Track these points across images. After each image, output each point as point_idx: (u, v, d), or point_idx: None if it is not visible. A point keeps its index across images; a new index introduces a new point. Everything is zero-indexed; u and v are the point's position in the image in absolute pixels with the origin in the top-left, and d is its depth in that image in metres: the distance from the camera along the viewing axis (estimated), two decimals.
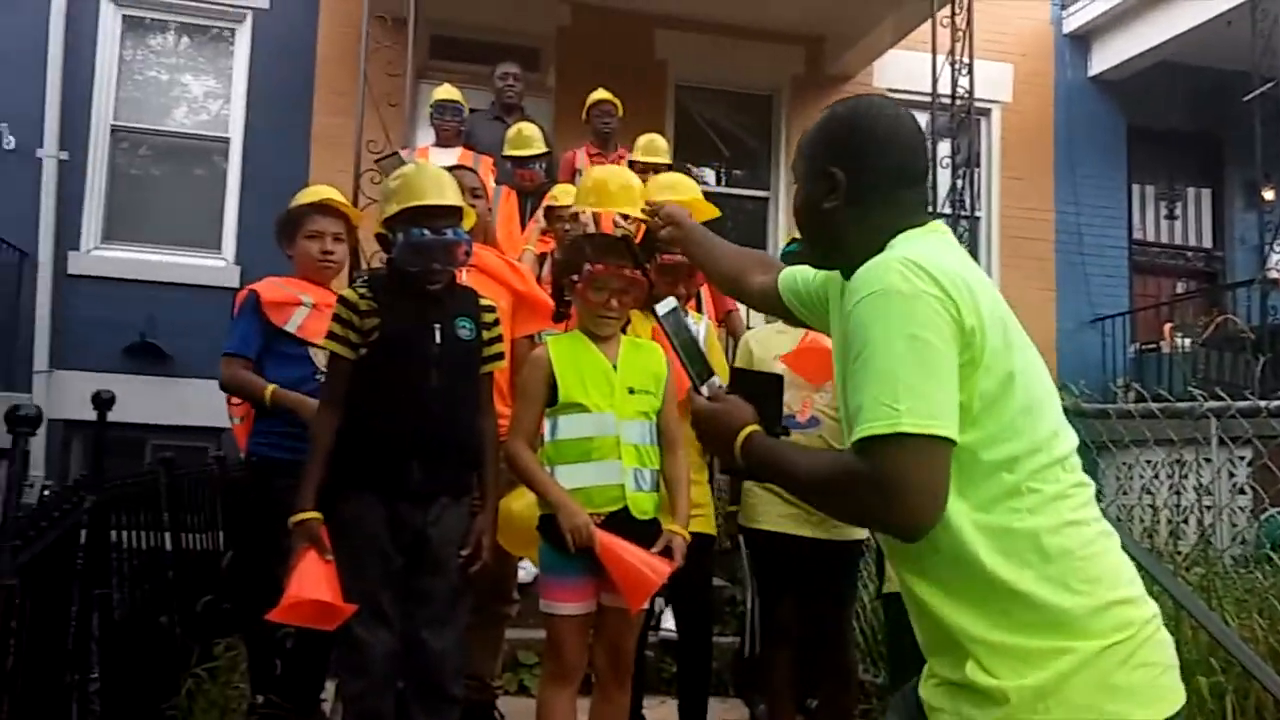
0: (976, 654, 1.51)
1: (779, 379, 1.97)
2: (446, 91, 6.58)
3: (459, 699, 2.92)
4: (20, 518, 2.27)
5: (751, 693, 4.31)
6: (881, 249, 1.66)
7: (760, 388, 1.91)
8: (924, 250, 1.59)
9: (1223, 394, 4.03)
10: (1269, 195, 8.27)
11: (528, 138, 6.06)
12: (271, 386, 3.37)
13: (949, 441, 1.45)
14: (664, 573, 2.79)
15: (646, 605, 2.97)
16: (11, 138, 7.90)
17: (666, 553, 2.87)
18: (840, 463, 1.54)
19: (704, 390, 1.89)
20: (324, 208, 3.66)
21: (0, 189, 7.72)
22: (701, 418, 1.85)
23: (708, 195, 3.56)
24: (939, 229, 1.73)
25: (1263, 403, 3.79)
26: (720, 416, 1.81)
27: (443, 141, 6.51)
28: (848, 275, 1.74)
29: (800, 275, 2.14)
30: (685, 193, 3.75)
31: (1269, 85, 7.71)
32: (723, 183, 9.70)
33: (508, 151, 6.07)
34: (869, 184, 1.73)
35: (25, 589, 2.23)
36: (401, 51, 6.43)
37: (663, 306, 2.01)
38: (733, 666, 4.51)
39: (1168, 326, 9.12)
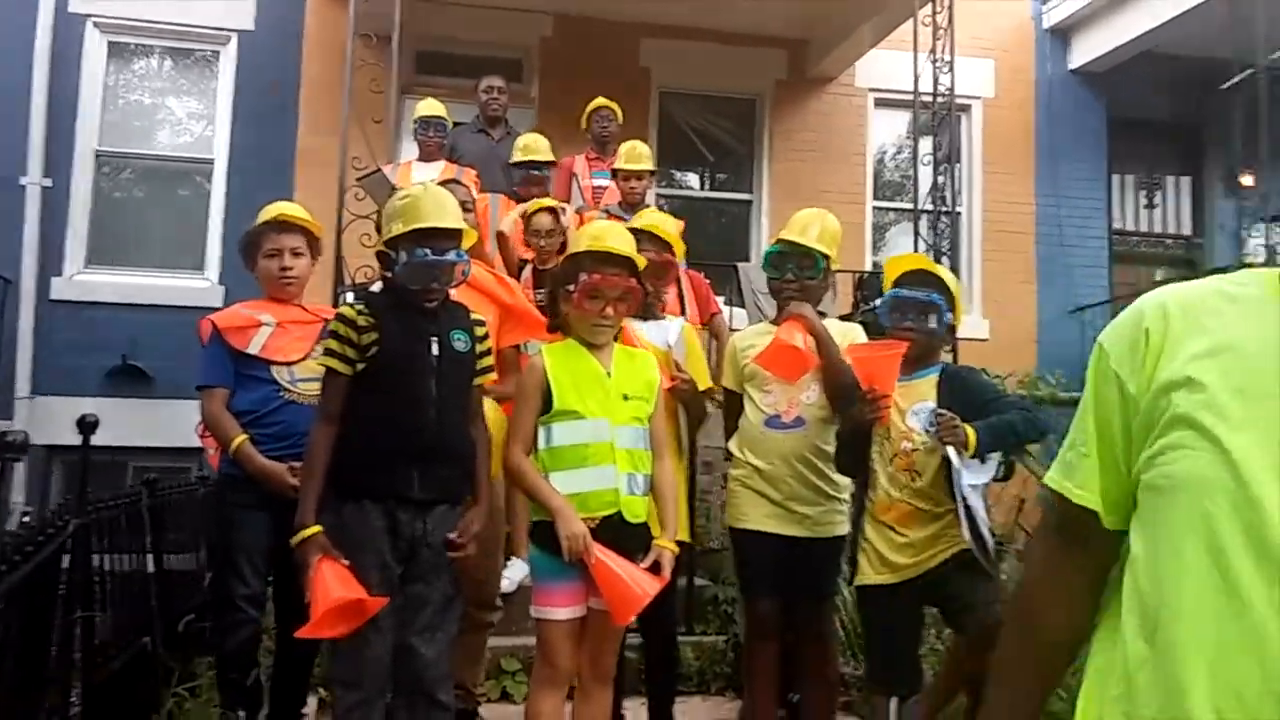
0: None
1: None
2: (429, 107, 6.62)
3: (450, 707, 2.95)
4: (4, 543, 2.29)
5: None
6: None
7: None
8: None
9: None
10: (1247, 181, 8.30)
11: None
12: (239, 440, 3.39)
13: None
14: (652, 591, 2.83)
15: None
16: None
17: (655, 567, 2.92)
18: None
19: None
20: (281, 224, 3.67)
21: None
22: None
23: (692, 200, 3.61)
24: None
25: None
26: None
27: (426, 156, 6.55)
28: None
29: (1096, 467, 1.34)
30: (666, 228, 3.83)
31: (1248, 73, 7.74)
32: (707, 187, 9.77)
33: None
34: None
35: (8, 613, 2.26)
36: (385, 68, 6.48)
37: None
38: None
39: None
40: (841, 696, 3.88)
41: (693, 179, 9.80)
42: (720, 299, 6.26)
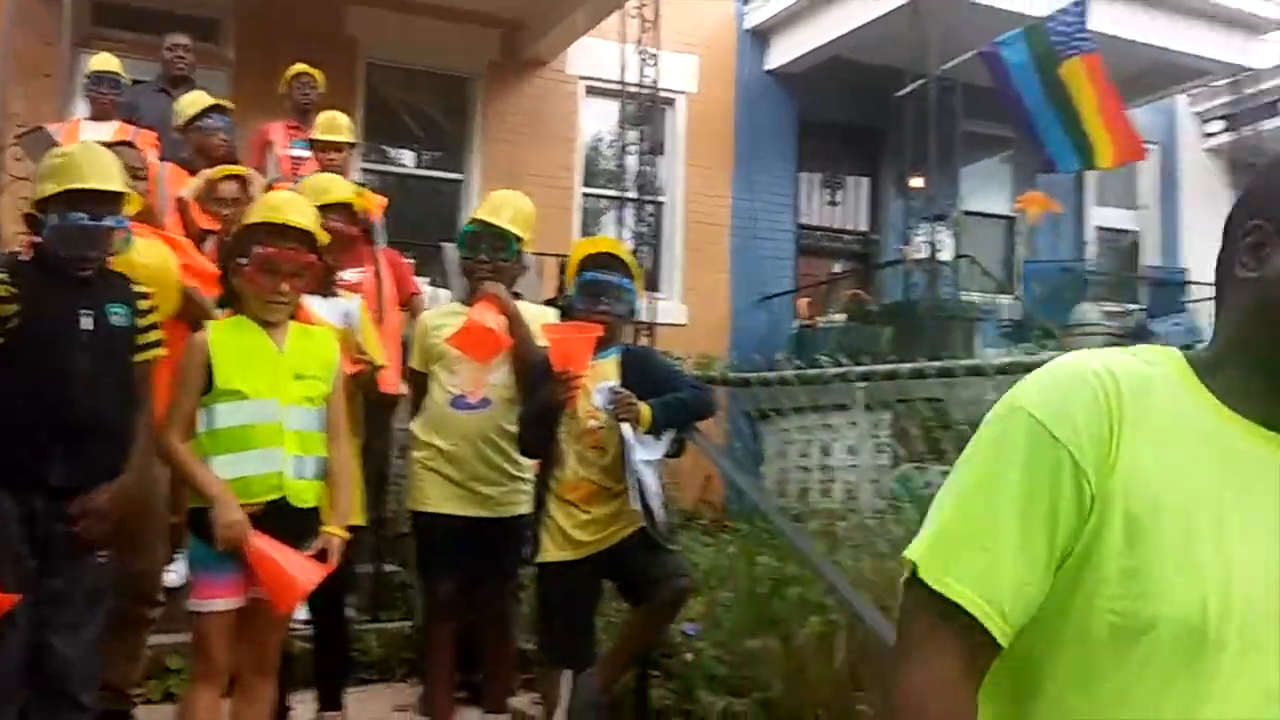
0: None
1: None
2: (103, 61, 6.09)
3: (90, 708, 2.77)
4: None
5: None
6: None
7: None
8: None
9: (844, 361, 4.42)
10: (916, 183, 9.10)
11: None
12: None
13: None
14: (315, 578, 2.76)
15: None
16: None
17: (323, 554, 2.84)
18: None
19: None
20: None
21: None
22: None
23: (402, 177, 3.51)
24: None
25: (879, 367, 4.16)
26: None
27: (98, 115, 6.02)
28: None
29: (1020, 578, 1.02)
30: (339, 194, 3.73)
31: (920, 82, 8.46)
32: (417, 165, 9.63)
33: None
34: None
35: None
36: (56, 19, 5.91)
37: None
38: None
39: (803, 302, 9.90)
40: (522, 674, 3.94)
41: (404, 156, 9.62)
42: (425, 280, 6.17)
